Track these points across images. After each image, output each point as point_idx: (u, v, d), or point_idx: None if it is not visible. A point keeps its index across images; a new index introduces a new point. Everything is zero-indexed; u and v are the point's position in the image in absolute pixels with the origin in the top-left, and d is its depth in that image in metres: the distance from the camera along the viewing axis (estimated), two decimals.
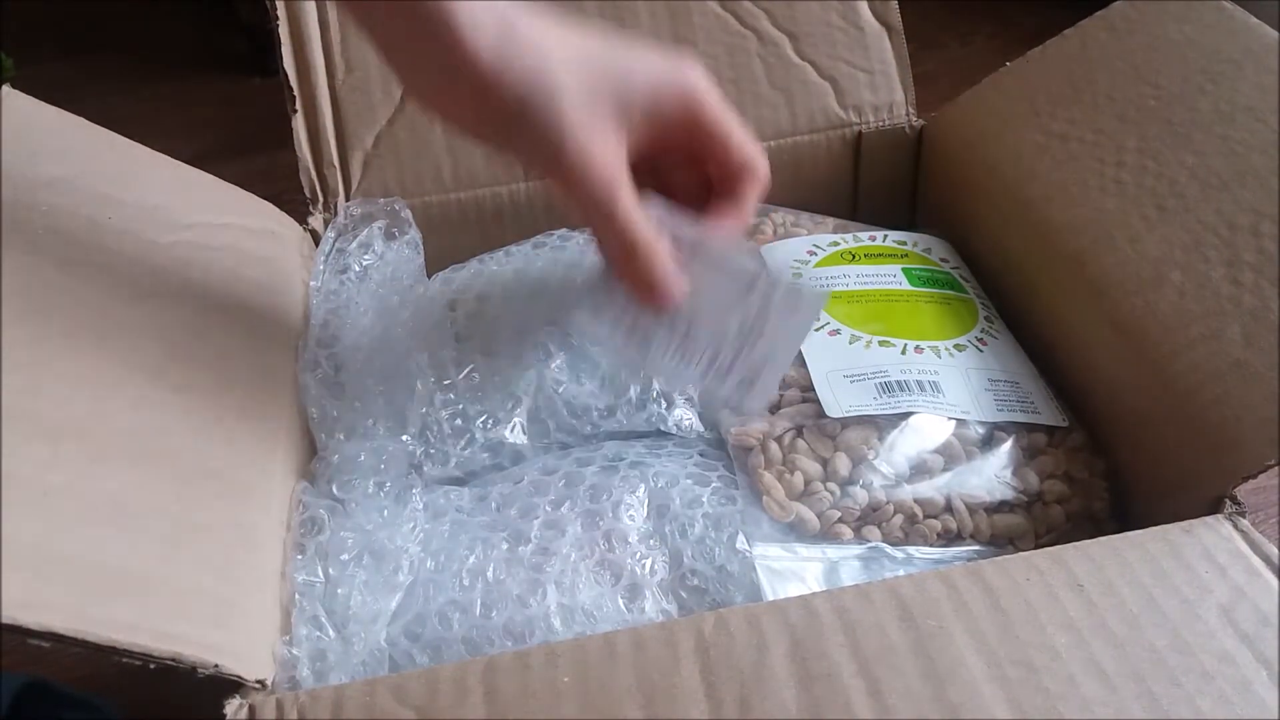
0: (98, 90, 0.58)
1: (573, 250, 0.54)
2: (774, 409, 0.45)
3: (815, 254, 0.52)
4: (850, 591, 0.35)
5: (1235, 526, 0.37)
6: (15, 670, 0.47)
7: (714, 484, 0.43)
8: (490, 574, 0.40)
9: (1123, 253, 0.45)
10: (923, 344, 0.47)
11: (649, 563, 0.41)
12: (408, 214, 0.54)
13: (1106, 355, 0.45)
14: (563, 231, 0.56)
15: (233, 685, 0.34)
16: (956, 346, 0.47)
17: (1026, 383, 0.46)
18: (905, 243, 0.54)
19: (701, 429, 0.47)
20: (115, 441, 0.36)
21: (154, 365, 0.40)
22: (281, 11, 0.54)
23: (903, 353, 0.46)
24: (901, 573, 0.38)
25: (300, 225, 0.55)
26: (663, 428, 0.47)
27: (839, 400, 0.44)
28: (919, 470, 0.43)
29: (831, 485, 0.42)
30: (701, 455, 0.46)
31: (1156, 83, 0.48)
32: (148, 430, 0.38)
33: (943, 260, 0.53)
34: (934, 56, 0.94)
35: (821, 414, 0.44)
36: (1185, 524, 0.37)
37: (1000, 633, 0.33)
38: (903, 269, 0.51)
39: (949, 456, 0.43)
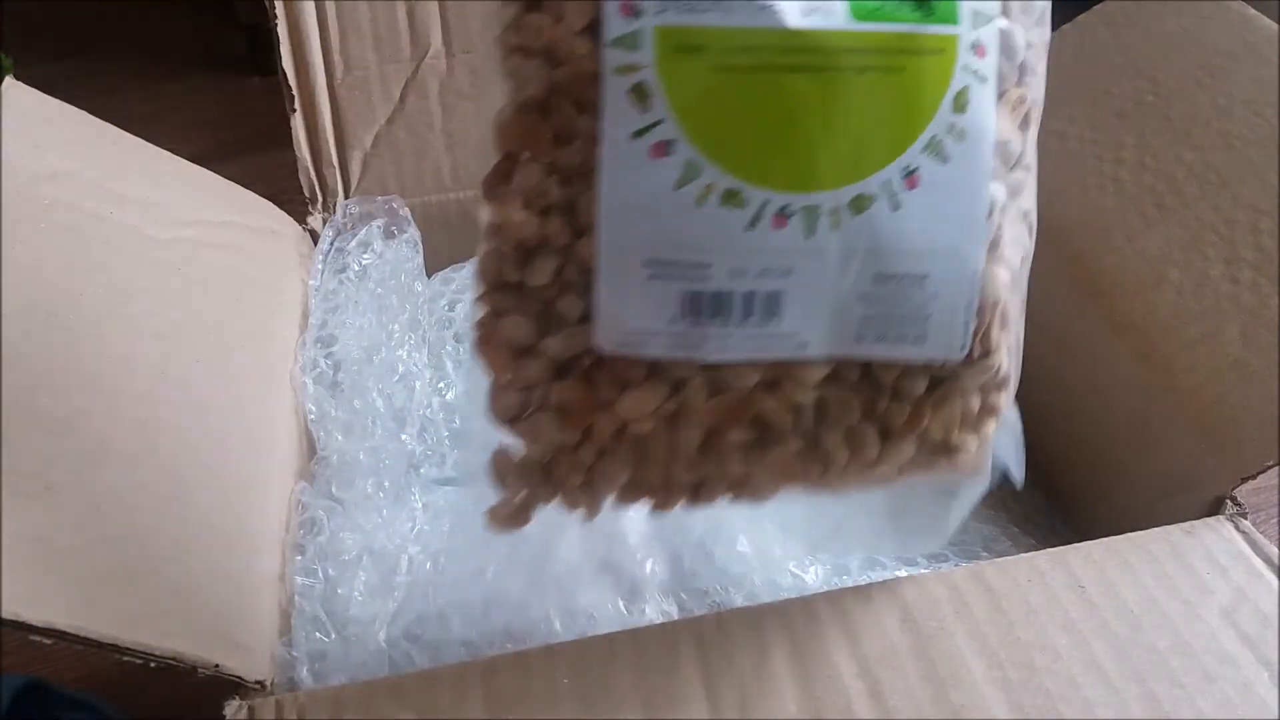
0: (98, 90, 0.58)
1: None
2: (541, 330, 0.28)
3: None
4: (851, 593, 0.35)
5: (1236, 528, 0.37)
6: (15, 671, 0.47)
7: None
8: (490, 575, 0.40)
9: (1121, 252, 0.45)
10: (796, 198, 0.26)
11: (649, 564, 0.41)
12: (406, 212, 0.54)
13: (1105, 355, 0.45)
14: None
15: (232, 686, 0.34)
16: (856, 201, 0.26)
17: (944, 271, 0.27)
18: None
19: None
20: (116, 439, 0.36)
21: (154, 362, 0.40)
22: (280, 11, 0.54)
23: (751, 223, 0.26)
24: None
25: (299, 225, 0.55)
26: None
27: (621, 316, 0.27)
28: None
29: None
30: None
31: (1154, 78, 0.48)
32: (148, 428, 0.38)
33: None
34: None
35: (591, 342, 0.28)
36: (1186, 525, 0.37)
37: (1001, 634, 0.33)
38: None
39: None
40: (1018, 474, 0.32)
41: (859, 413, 0.28)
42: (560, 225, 0.27)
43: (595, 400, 0.28)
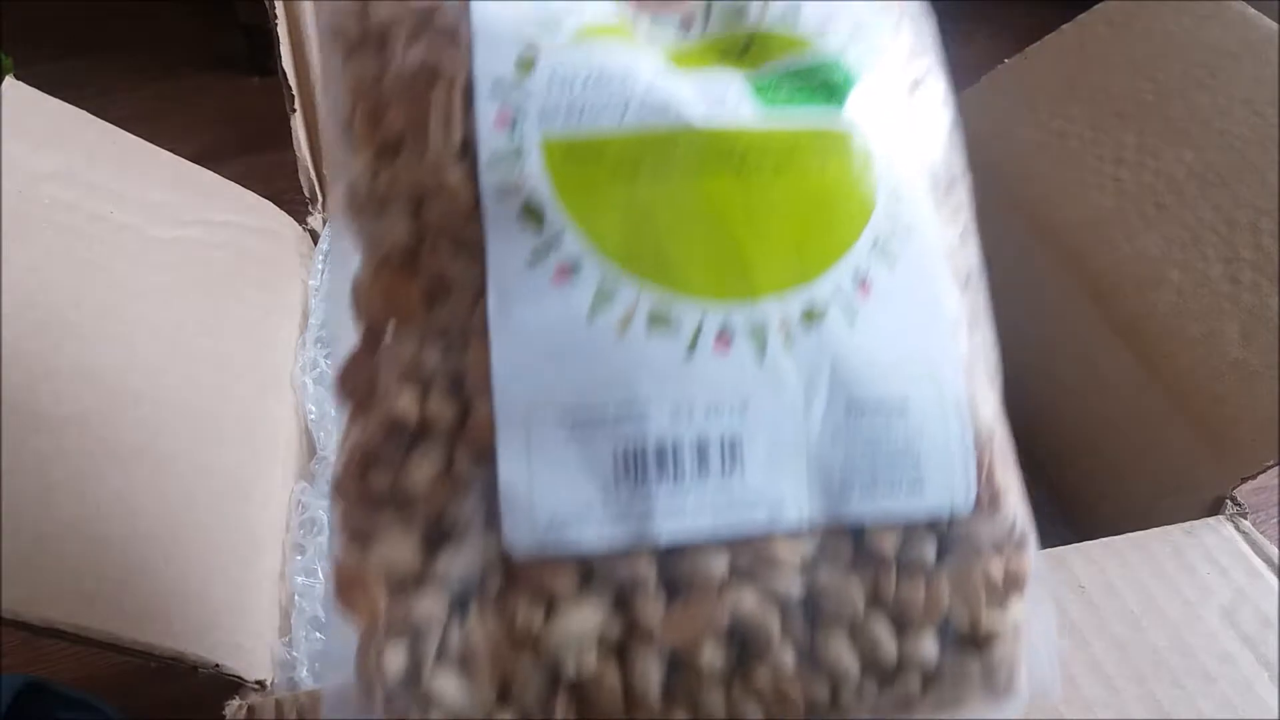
0: (98, 90, 0.58)
1: None
2: (429, 550, 0.21)
3: (581, 5, 0.24)
4: None
5: (1236, 528, 0.37)
6: (15, 671, 0.47)
7: None
8: None
9: (1121, 252, 0.45)
10: (739, 309, 0.22)
11: None
12: None
13: (1105, 355, 0.45)
14: None
15: (232, 686, 0.34)
16: (807, 313, 0.22)
17: (924, 397, 0.23)
18: (756, 5, 0.25)
19: None
20: (116, 439, 0.36)
21: (153, 362, 0.40)
22: (280, 11, 0.54)
23: (691, 344, 0.21)
24: None
25: (299, 225, 0.55)
26: None
27: (538, 499, 0.21)
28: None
29: None
30: None
31: (1154, 77, 0.48)
32: (148, 428, 0.38)
33: (823, 29, 0.25)
34: None
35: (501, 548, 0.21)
36: (1187, 525, 0.37)
37: None
38: (750, 80, 0.24)
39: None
40: (1052, 677, 0.25)
41: (863, 600, 0.22)
42: (443, 403, 0.21)
43: (512, 636, 0.20)
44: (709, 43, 0.24)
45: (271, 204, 0.54)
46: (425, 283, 0.22)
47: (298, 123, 0.55)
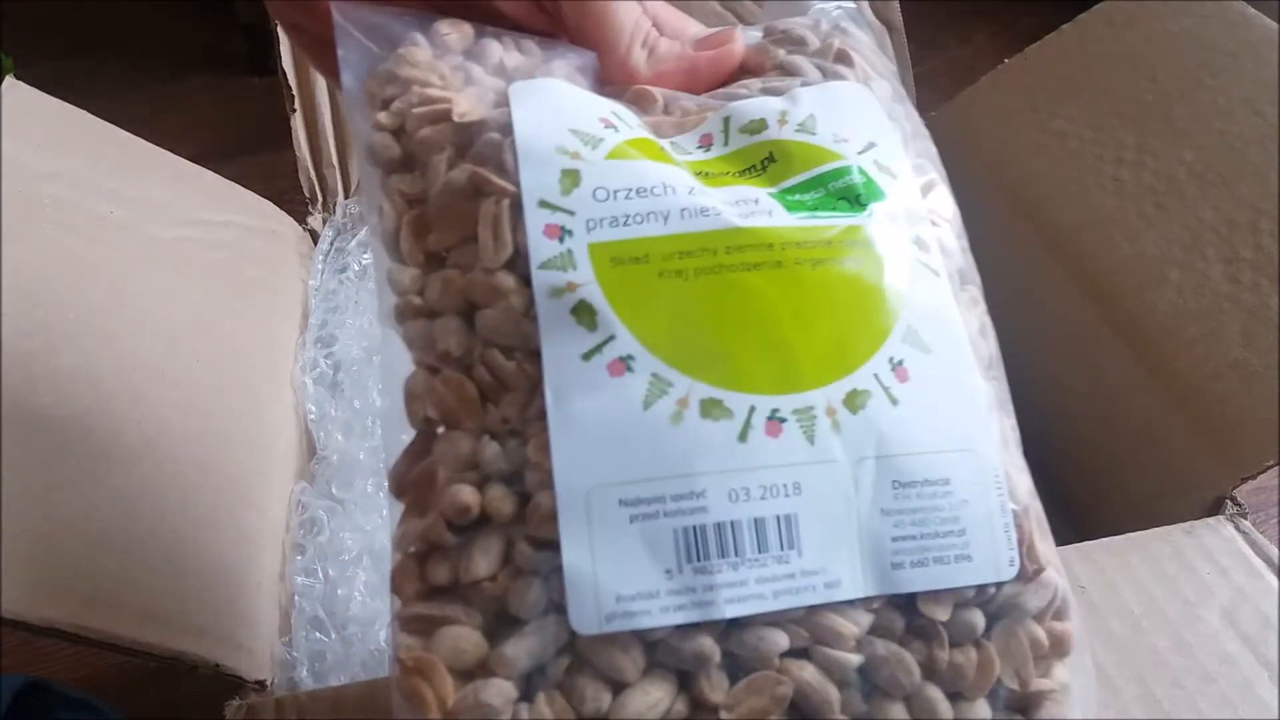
0: (98, 90, 0.58)
1: None
2: (493, 637, 0.22)
3: (613, 127, 0.26)
4: None
5: (1236, 528, 0.37)
6: (15, 671, 0.47)
7: None
8: None
9: (1121, 252, 0.45)
10: (786, 401, 0.23)
11: None
12: None
13: (1105, 355, 0.45)
14: None
15: (232, 686, 0.34)
16: (850, 399, 0.23)
17: (965, 472, 0.24)
18: (774, 121, 0.27)
19: None
20: (116, 439, 0.36)
21: (154, 362, 0.40)
22: None
23: (742, 435, 0.22)
24: None
25: (299, 225, 0.55)
26: None
27: (602, 581, 0.22)
28: None
29: None
30: None
31: (1154, 77, 0.48)
32: (148, 428, 0.38)
33: (839, 140, 0.26)
34: (935, 56, 0.93)
35: (568, 629, 0.21)
36: (1187, 525, 0.37)
37: None
38: (773, 195, 0.25)
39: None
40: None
41: (918, 670, 0.22)
42: (503, 494, 0.22)
43: (581, 718, 0.21)
44: (730, 159, 0.26)
45: (271, 204, 0.54)
46: (481, 382, 0.23)
47: (298, 123, 0.55)
